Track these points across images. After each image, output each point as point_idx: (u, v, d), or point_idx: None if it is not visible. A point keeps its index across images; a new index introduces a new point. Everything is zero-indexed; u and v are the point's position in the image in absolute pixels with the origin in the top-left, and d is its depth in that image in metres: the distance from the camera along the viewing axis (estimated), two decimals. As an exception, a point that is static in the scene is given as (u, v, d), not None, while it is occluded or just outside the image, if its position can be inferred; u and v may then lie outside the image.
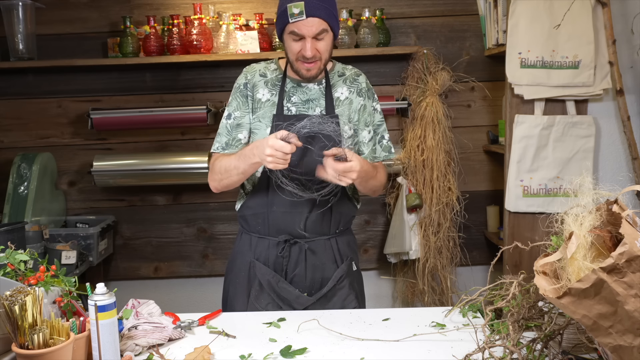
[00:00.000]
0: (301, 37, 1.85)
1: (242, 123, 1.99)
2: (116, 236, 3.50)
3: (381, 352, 1.52)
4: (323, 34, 1.85)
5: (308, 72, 1.90)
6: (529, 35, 2.70)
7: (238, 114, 1.99)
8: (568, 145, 2.76)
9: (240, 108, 1.99)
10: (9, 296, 1.28)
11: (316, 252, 1.98)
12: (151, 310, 1.68)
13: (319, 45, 1.86)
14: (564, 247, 1.20)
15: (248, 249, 2.02)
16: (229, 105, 2.02)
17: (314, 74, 1.91)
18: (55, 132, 3.43)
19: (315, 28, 1.83)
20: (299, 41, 1.86)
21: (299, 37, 1.85)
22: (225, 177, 1.93)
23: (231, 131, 1.99)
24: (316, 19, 1.82)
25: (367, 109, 2.03)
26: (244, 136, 1.99)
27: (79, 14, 3.35)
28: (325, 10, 1.83)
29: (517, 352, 1.31)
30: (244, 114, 1.99)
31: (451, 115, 3.33)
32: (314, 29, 1.83)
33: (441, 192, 3.28)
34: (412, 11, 3.39)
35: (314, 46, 1.85)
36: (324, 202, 1.93)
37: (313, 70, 1.90)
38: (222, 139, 2.00)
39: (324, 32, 1.85)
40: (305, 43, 1.84)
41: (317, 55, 1.87)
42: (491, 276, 1.64)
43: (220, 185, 1.98)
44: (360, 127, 2.02)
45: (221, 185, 1.97)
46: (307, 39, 1.84)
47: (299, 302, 1.94)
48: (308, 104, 1.97)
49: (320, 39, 1.86)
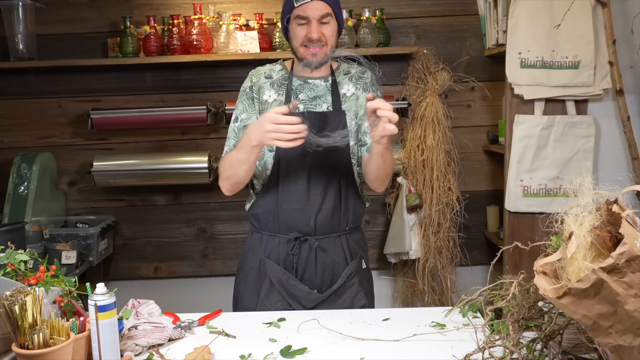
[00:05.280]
0: (307, 21, 1.91)
1: (249, 125, 1.99)
2: (116, 236, 3.50)
3: (381, 352, 1.52)
4: (327, 17, 1.92)
5: (314, 57, 1.93)
6: (529, 35, 2.70)
7: (244, 116, 2.01)
8: (568, 145, 2.77)
9: (246, 110, 2.01)
10: (9, 296, 1.28)
11: (326, 249, 1.98)
12: (151, 310, 1.68)
13: (324, 30, 1.92)
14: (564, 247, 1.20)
15: (259, 247, 2.03)
16: (235, 109, 2.04)
17: (320, 59, 1.94)
18: (56, 132, 3.43)
19: (320, 11, 1.90)
20: (304, 25, 1.92)
21: (304, 20, 1.91)
22: (231, 174, 1.94)
23: (238, 133, 2.00)
24: (321, 2, 1.91)
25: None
26: None
27: (79, 14, 3.35)
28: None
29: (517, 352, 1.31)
30: (250, 115, 2.01)
31: (451, 115, 3.33)
32: (318, 12, 1.90)
33: (441, 192, 3.28)
34: (412, 11, 3.39)
35: (319, 29, 1.91)
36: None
37: (319, 55, 1.93)
38: (231, 142, 2.01)
39: (329, 16, 1.92)
40: (311, 26, 1.91)
41: (322, 39, 1.92)
42: (491, 276, 1.64)
43: (229, 184, 1.97)
44: (365, 118, 2.03)
45: (230, 183, 1.96)
46: (313, 21, 1.90)
47: (309, 299, 1.95)
48: (315, 101, 1.99)
49: (325, 23, 1.92)
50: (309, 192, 1.95)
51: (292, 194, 1.95)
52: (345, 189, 1.99)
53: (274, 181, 1.98)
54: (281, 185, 1.96)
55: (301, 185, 1.95)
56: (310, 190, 1.95)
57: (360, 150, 2.02)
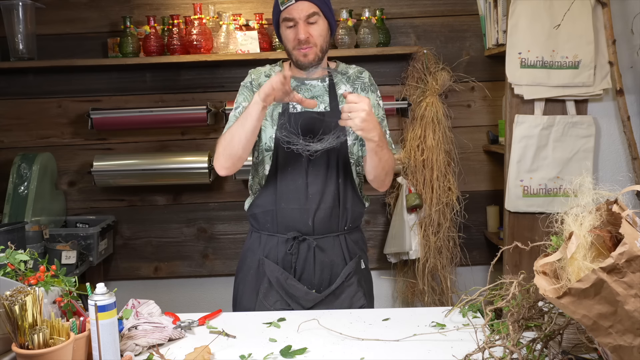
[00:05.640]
0: (294, 23, 1.92)
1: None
2: (116, 236, 3.50)
3: (381, 352, 1.52)
4: (314, 16, 1.92)
5: (305, 57, 1.94)
6: (529, 35, 2.70)
7: (245, 104, 2.01)
8: (568, 145, 2.77)
9: (247, 99, 2.01)
10: (9, 296, 1.28)
11: (325, 249, 1.98)
12: (151, 310, 1.69)
13: (311, 30, 1.93)
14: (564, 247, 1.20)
15: (257, 247, 2.03)
16: (236, 101, 2.05)
17: (311, 59, 1.95)
18: (55, 132, 3.43)
19: (305, 11, 1.91)
20: (293, 27, 1.93)
21: (291, 22, 1.92)
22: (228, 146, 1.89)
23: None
24: (306, 3, 1.91)
25: (372, 102, 2.04)
26: None
27: (79, 14, 3.35)
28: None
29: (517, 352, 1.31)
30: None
31: (451, 115, 3.33)
32: (304, 12, 1.91)
33: (441, 192, 3.28)
34: (412, 11, 3.39)
35: (307, 30, 1.92)
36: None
37: (310, 56, 1.94)
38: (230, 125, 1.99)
39: (315, 15, 1.92)
40: (298, 27, 1.92)
41: (310, 40, 1.93)
42: (491, 276, 1.64)
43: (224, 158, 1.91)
44: None
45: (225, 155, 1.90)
46: (300, 22, 1.91)
47: (308, 298, 1.95)
48: None
49: (312, 23, 1.92)
50: (307, 191, 1.95)
51: (290, 194, 1.95)
52: (344, 188, 1.99)
53: (272, 181, 1.98)
54: (279, 185, 1.96)
55: (299, 185, 1.95)
56: (308, 190, 1.95)
57: (361, 150, 2.02)
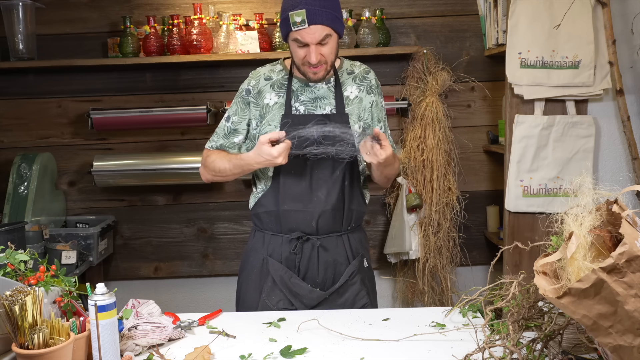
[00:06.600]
0: (305, 44, 1.85)
1: (238, 128, 2.03)
2: (116, 236, 3.50)
3: (381, 352, 1.52)
4: (327, 39, 1.86)
5: (315, 75, 1.92)
6: (529, 35, 2.70)
7: (236, 119, 2.02)
8: (568, 145, 2.76)
9: (238, 113, 2.02)
10: (9, 296, 1.28)
11: (328, 249, 1.99)
12: (151, 310, 1.69)
13: (323, 50, 1.87)
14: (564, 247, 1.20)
15: (261, 246, 2.03)
16: (230, 108, 2.06)
17: (321, 76, 1.93)
18: (55, 132, 3.43)
19: (319, 35, 1.83)
20: (303, 47, 1.87)
21: (302, 44, 1.86)
22: (218, 177, 2.04)
23: (228, 135, 2.04)
24: (319, 26, 1.82)
25: (378, 104, 2.06)
26: (239, 140, 2.04)
27: (79, 14, 3.35)
28: (328, 15, 1.83)
29: (517, 352, 1.31)
30: (241, 119, 2.02)
31: (451, 115, 3.33)
32: (317, 36, 1.83)
33: (441, 192, 3.28)
34: (412, 11, 3.39)
35: (319, 51, 1.86)
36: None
37: (320, 73, 1.92)
38: (219, 141, 2.05)
39: (328, 37, 1.86)
40: (310, 50, 1.85)
41: (322, 60, 1.88)
42: (491, 276, 1.64)
43: (210, 175, 2.07)
44: (374, 123, 2.04)
45: (211, 174, 2.07)
46: (312, 46, 1.85)
47: (312, 297, 1.95)
48: (316, 102, 1.98)
49: (324, 44, 1.86)
50: (311, 193, 1.95)
51: (295, 196, 1.95)
52: (350, 190, 1.99)
53: (276, 182, 1.98)
54: (283, 186, 1.96)
55: (304, 187, 1.95)
56: (312, 192, 1.95)
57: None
